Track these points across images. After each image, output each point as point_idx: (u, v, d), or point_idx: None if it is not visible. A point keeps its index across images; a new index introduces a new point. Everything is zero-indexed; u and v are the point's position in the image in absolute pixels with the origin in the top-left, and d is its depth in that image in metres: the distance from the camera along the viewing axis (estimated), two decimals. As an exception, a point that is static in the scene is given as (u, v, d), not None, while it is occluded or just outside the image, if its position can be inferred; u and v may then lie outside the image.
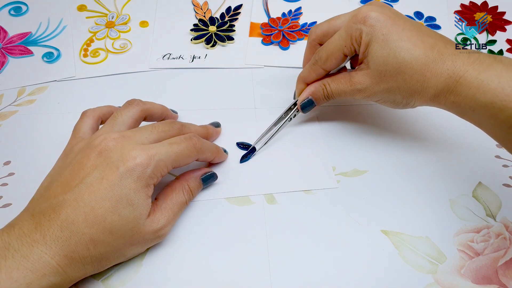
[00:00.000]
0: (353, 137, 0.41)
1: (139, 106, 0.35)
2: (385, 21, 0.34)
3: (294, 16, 0.53)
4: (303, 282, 0.31)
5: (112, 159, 0.29)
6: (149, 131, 0.32)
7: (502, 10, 0.54)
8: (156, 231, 0.31)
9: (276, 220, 0.35)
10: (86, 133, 0.34)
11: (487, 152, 0.40)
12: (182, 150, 0.32)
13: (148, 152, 0.30)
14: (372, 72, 0.35)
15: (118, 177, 0.29)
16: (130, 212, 0.29)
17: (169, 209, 0.32)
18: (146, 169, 0.29)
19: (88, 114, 0.35)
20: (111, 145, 0.30)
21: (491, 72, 0.30)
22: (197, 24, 0.52)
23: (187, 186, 0.34)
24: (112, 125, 0.33)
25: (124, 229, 0.29)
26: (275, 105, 0.44)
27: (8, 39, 0.50)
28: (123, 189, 0.29)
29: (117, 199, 0.28)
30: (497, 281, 0.32)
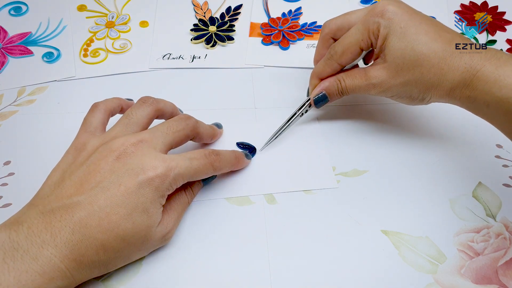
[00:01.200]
0: (353, 137, 0.41)
1: (153, 106, 0.35)
2: (402, 14, 0.34)
3: (294, 16, 0.53)
4: (303, 282, 0.31)
5: (132, 166, 0.29)
6: (164, 133, 0.32)
7: (502, 10, 0.54)
8: (163, 235, 0.31)
9: (276, 220, 0.35)
10: (98, 128, 0.34)
11: (487, 152, 0.40)
12: (201, 168, 0.32)
13: (169, 165, 0.30)
14: (389, 66, 0.35)
15: (137, 185, 0.28)
16: (144, 220, 0.29)
17: (174, 210, 0.32)
18: (165, 181, 0.29)
19: (99, 108, 0.35)
20: (130, 151, 0.30)
21: (508, 68, 0.31)
22: (197, 24, 0.52)
23: (189, 187, 0.34)
24: (126, 125, 0.33)
25: (136, 236, 0.29)
26: (275, 105, 0.44)
27: (8, 39, 0.50)
28: (140, 198, 0.28)
29: (133, 207, 0.28)
30: (497, 281, 0.32)
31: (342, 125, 0.42)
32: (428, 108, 0.44)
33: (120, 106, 0.37)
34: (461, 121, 0.43)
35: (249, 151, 0.39)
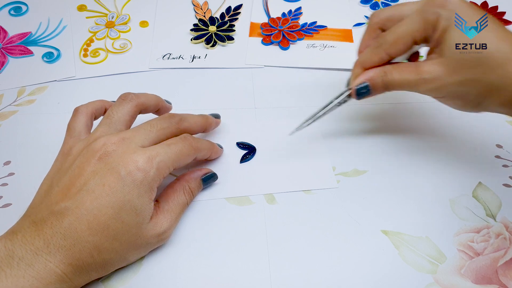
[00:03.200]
0: (353, 137, 0.41)
1: (133, 101, 0.34)
2: (466, 8, 0.31)
3: (294, 16, 0.53)
4: (303, 282, 0.31)
5: (113, 164, 0.29)
6: (148, 130, 0.32)
7: (502, 10, 0.54)
8: (159, 235, 0.31)
9: (276, 220, 0.35)
10: (82, 132, 0.34)
11: (487, 152, 0.40)
12: (180, 149, 0.32)
13: (149, 155, 0.30)
14: (447, 61, 0.32)
15: (120, 182, 0.28)
16: (134, 218, 0.29)
17: (171, 211, 0.32)
18: (149, 172, 0.29)
19: (81, 111, 0.34)
20: (111, 149, 0.30)
21: None
22: (197, 24, 0.52)
23: (188, 186, 0.34)
24: (108, 125, 0.33)
25: (128, 234, 0.29)
26: (275, 105, 0.44)
27: (8, 39, 0.50)
28: (126, 195, 0.28)
29: (120, 206, 0.28)
30: (497, 281, 0.32)
31: (342, 125, 0.42)
32: (428, 108, 0.44)
33: (103, 107, 0.36)
34: (461, 121, 0.43)
35: (249, 151, 0.39)
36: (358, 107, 0.44)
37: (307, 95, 0.45)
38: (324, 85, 0.46)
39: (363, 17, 0.53)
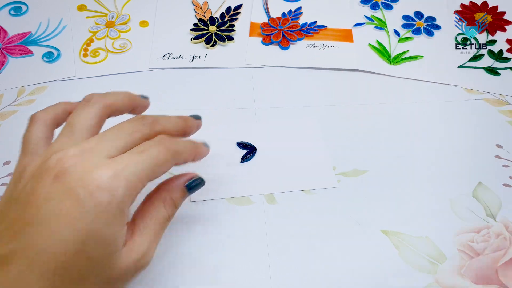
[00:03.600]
0: (353, 137, 0.41)
1: (99, 103, 0.27)
2: None
3: (294, 16, 0.53)
4: (303, 282, 0.31)
5: (71, 184, 0.22)
6: (115, 136, 0.26)
7: (502, 10, 0.54)
8: (136, 261, 0.25)
9: (276, 220, 0.35)
10: (39, 146, 0.27)
11: (487, 152, 0.40)
12: (155, 156, 0.25)
13: (115, 168, 0.23)
14: None
15: (80, 208, 0.22)
16: (102, 250, 0.23)
17: (148, 229, 0.26)
18: (117, 191, 0.23)
19: (37, 119, 0.28)
20: (68, 165, 0.23)
21: None
22: (197, 24, 0.52)
23: (169, 197, 0.28)
24: (70, 134, 0.26)
25: (97, 271, 0.23)
26: (275, 105, 0.44)
27: (8, 39, 0.49)
28: (90, 225, 0.22)
29: (82, 239, 0.22)
30: (497, 281, 0.32)
31: (342, 125, 0.42)
32: (428, 108, 0.44)
33: (66, 111, 0.29)
34: (461, 121, 0.43)
35: (250, 151, 0.39)
36: (358, 107, 0.44)
37: (307, 95, 0.45)
38: (324, 85, 0.46)
39: (363, 17, 0.53)
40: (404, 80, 0.47)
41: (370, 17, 0.53)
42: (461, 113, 0.44)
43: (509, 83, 0.47)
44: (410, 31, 0.52)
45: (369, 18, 0.53)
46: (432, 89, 0.46)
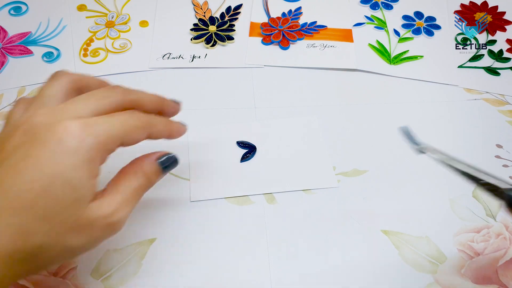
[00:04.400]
0: (353, 137, 0.41)
1: (67, 76, 0.28)
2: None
3: (294, 16, 0.53)
4: (303, 282, 0.31)
5: (40, 133, 0.24)
6: (84, 100, 0.26)
7: (502, 10, 0.54)
8: (105, 217, 0.25)
9: (276, 220, 0.35)
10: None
11: (487, 152, 0.40)
12: (125, 119, 0.26)
13: (83, 122, 0.24)
14: None
15: (49, 152, 0.23)
16: (68, 193, 0.23)
17: (120, 193, 0.27)
18: (85, 139, 0.24)
19: (22, 101, 0.28)
20: (38, 120, 0.24)
21: None
22: (197, 24, 0.52)
23: (140, 170, 0.28)
24: (39, 102, 0.27)
25: (63, 214, 0.23)
26: (275, 105, 0.44)
27: (8, 39, 0.49)
28: (57, 166, 0.23)
29: (49, 179, 0.23)
30: (497, 281, 0.32)
31: (342, 125, 0.42)
32: (428, 108, 0.44)
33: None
34: (461, 121, 0.43)
35: (250, 150, 0.39)
36: (358, 107, 0.44)
37: (307, 95, 0.45)
38: (324, 85, 0.46)
39: (363, 17, 0.53)
40: (404, 80, 0.47)
41: (370, 17, 0.53)
42: (461, 113, 0.44)
43: (509, 83, 0.47)
44: (410, 31, 0.52)
45: (369, 18, 0.53)
46: (432, 89, 0.46)
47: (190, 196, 0.36)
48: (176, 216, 0.35)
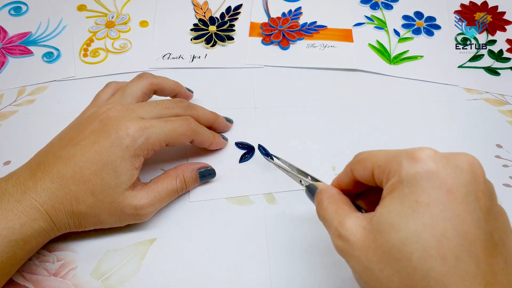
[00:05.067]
0: (353, 137, 0.41)
1: (148, 79, 0.36)
2: (435, 181, 0.22)
3: (294, 16, 0.53)
4: (303, 282, 0.31)
5: (109, 127, 0.31)
6: (152, 106, 0.34)
7: (502, 10, 0.54)
8: (135, 207, 0.31)
9: (276, 220, 0.35)
10: (103, 102, 0.36)
11: (487, 152, 0.40)
12: (176, 127, 0.33)
13: (142, 125, 0.31)
14: (371, 231, 0.24)
15: (109, 144, 0.30)
16: (112, 178, 0.30)
17: (156, 192, 0.33)
18: (137, 140, 0.31)
19: (110, 86, 0.37)
20: (112, 114, 0.32)
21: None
22: (197, 24, 0.52)
23: (182, 175, 0.34)
24: (121, 96, 0.35)
25: (104, 194, 0.30)
26: (275, 105, 0.44)
27: (8, 39, 0.49)
28: (111, 155, 0.30)
29: (103, 164, 0.30)
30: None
31: (342, 125, 0.42)
32: (428, 108, 0.44)
33: None
34: (461, 121, 0.43)
35: (248, 150, 0.39)
36: (358, 107, 0.44)
37: (307, 95, 0.45)
38: (324, 85, 0.46)
39: (363, 17, 0.53)
40: (404, 80, 0.47)
41: (370, 17, 0.53)
42: (461, 113, 0.44)
43: (509, 83, 0.47)
44: (410, 31, 0.52)
45: (369, 18, 0.53)
46: (432, 89, 0.46)
47: (189, 196, 0.36)
48: (176, 216, 0.35)
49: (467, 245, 0.21)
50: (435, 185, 0.22)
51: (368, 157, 0.27)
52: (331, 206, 0.27)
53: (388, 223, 0.22)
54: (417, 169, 0.22)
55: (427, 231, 0.21)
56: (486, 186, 0.23)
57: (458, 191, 0.22)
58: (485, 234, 0.21)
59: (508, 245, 0.22)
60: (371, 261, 0.23)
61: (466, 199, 0.22)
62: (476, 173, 0.23)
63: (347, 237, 0.24)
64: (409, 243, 0.21)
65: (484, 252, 0.21)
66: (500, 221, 0.23)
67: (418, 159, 0.23)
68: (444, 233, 0.21)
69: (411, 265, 0.21)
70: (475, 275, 0.20)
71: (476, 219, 0.21)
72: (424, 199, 0.22)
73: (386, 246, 0.22)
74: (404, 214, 0.22)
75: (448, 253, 0.20)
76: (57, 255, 0.32)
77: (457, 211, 0.21)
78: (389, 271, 0.22)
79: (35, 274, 0.31)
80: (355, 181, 0.28)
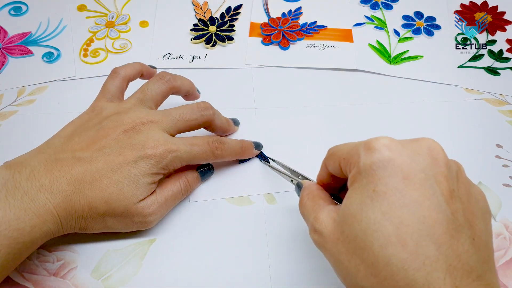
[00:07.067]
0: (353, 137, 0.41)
1: (169, 83, 0.36)
2: (392, 169, 0.23)
3: (294, 16, 0.53)
4: (303, 282, 0.31)
5: (135, 141, 0.31)
6: (175, 120, 0.34)
7: (502, 10, 0.54)
8: (144, 215, 0.31)
9: (276, 220, 0.35)
10: (115, 96, 0.36)
11: (487, 152, 0.40)
12: (201, 154, 0.33)
13: (170, 147, 0.31)
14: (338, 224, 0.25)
15: (135, 158, 0.31)
16: (131, 189, 0.30)
17: (162, 195, 0.33)
18: (162, 161, 0.31)
19: (118, 75, 0.36)
20: (138, 128, 0.32)
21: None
22: (197, 24, 0.52)
23: (184, 177, 0.35)
24: (141, 100, 0.35)
25: (118, 203, 0.30)
26: (275, 105, 0.44)
27: (8, 39, 0.50)
28: (135, 169, 0.30)
29: (125, 176, 0.30)
30: (497, 281, 0.32)
31: (342, 125, 0.42)
32: (428, 108, 0.44)
33: (140, 72, 0.38)
34: (461, 121, 0.43)
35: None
36: (358, 107, 0.44)
37: (307, 95, 0.45)
38: (324, 85, 0.46)
39: (363, 17, 0.53)
40: (404, 80, 0.47)
41: (370, 17, 0.53)
42: (461, 113, 0.44)
43: (509, 83, 0.47)
44: (410, 31, 0.52)
45: (369, 18, 0.53)
46: (432, 89, 0.46)
47: (189, 196, 0.36)
48: (176, 216, 0.35)
49: (426, 229, 0.21)
50: (391, 173, 0.22)
51: (335, 151, 0.27)
52: (309, 202, 0.28)
53: (351, 214, 0.23)
54: (373, 159, 0.23)
55: (386, 219, 0.21)
56: (447, 168, 0.23)
57: (416, 177, 0.22)
58: (446, 216, 0.21)
59: (476, 226, 0.22)
60: (340, 252, 0.23)
61: (423, 184, 0.22)
62: (435, 157, 0.23)
63: (321, 230, 0.25)
64: (370, 232, 0.21)
65: (446, 235, 0.21)
66: (468, 202, 0.23)
67: (374, 149, 0.23)
68: (402, 220, 0.21)
69: (373, 253, 0.21)
70: (436, 259, 0.20)
71: (436, 203, 0.21)
72: (381, 188, 0.22)
73: (351, 236, 0.23)
74: (364, 204, 0.22)
75: (407, 239, 0.21)
76: (57, 255, 0.32)
77: (414, 197, 0.21)
78: (356, 261, 0.22)
79: (35, 274, 0.31)
80: (331, 175, 0.28)
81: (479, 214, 0.23)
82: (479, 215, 0.23)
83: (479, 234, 0.22)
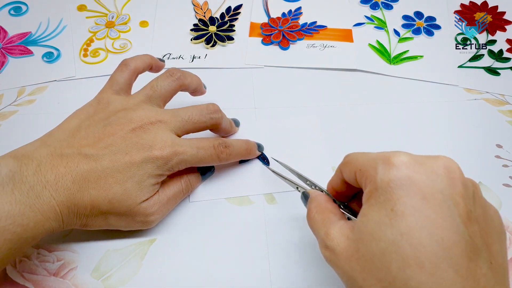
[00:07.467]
0: (353, 137, 0.41)
1: (179, 81, 0.36)
2: (410, 188, 0.22)
3: (294, 16, 0.53)
4: (303, 283, 0.31)
5: (143, 141, 0.31)
6: (184, 121, 0.33)
7: (502, 10, 0.54)
8: (146, 215, 0.31)
9: (276, 220, 0.35)
10: (123, 89, 0.35)
11: (487, 152, 0.40)
12: (207, 158, 0.33)
13: (177, 150, 0.31)
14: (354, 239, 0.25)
15: (141, 159, 0.30)
16: (135, 190, 0.30)
17: (164, 195, 0.33)
18: (168, 163, 0.31)
19: (128, 67, 0.36)
20: (146, 127, 0.32)
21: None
22: (197, 24, 0.52)
23: (186, 176, 0.35)
24: (150, 97, 0.34)
25: (122, 203, 0.30)
26: (275, 105, 0.44)
27: (8, 39, 0.50)
28: (140, 170, 0.30)
29: (130, 176, 0.30)
30: (497, 281, 0.32)
31: (342, 125, 0.42)
32: (428, 108, 0.44)
33: (150, 65, 0.38)
34: (461, 121, 0.43)
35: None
36: (358, 107, 0.44)
37: (307, 95, 0.45)
38: (324, 85, 0.46)
39: (363, 17, 0.53)
40: (404, 80, 0.47)
41: (370, 17, 0.53)
42: (461, 113, 0.44)
43: (509, 83, 0.47)
44: (410, 31, 0.52)
45: (369, 18, 0.53)
46: (432, 89, 0.46)
47: (189, 196, 0.36)
48: (176, 216, 0.35)
49: (444, 251, 0.20)
50: (410, 193, 0.22)
51: (352, 160, 0.26)
52: (318, 216, 0.27)
53: (368, 232, 0.22)
54: (391, 176, 0.22)
55: (404, 240, 0.21)
56: (465, 189, 0.23)
57: (434, 198, 0.22)
58: (464, 239, 0.21)
59: (493, 248, 0.22)
60: (354, 270, 0.23)
61: (442, 205, 0.21)
62: (453, 176, 0.23)
63: (333, 247, 0.24)
64: (388, 253, 0.21)
65: (464, 258, 0.20)
66: (484, 223, 0.23)
67: (392, 165, 0.23)
68: (420, 241, 0.21)
69: (391, 274, 0.21)
70: (454, 282, 0.20)
71: (454, 225, 0.21)
72: (399, 207, 0.22)
73: (367, 255, 0.22)
74: (382, 223, 0.22)
75: (425, 261, 0.20)
76: (57, 255, 0.32)
77: (432, 218, 0.21)
78: (371, 281, 0.22)
79: (35, 274, 0.31)
80: (345, 183, 0.28)
81: (495, 235, 0.23)
82: (495, 237, 0.23)
83: (495, 256, 0.22)
